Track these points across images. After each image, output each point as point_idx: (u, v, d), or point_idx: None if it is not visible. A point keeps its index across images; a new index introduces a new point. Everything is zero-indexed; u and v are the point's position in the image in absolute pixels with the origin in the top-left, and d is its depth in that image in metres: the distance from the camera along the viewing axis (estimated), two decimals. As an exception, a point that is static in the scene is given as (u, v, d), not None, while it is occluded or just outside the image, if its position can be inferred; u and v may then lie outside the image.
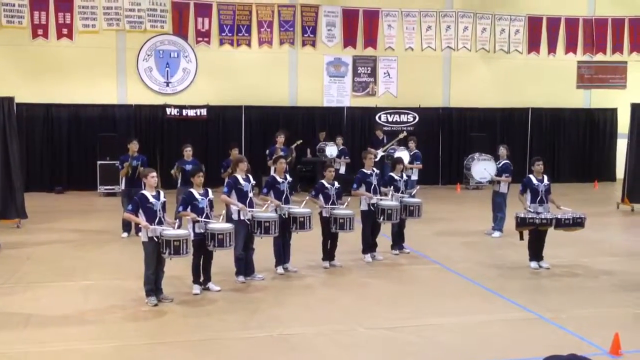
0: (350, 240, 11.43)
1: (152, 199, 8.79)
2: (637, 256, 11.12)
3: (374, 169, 11.62)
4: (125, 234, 12.88)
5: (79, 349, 7.29)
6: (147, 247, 8.74)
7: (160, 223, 8.75)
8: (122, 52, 19.73)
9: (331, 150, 18.38)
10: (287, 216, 10.26)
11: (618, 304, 9.12)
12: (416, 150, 16.12)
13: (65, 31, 19.26)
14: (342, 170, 17.46)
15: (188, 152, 13.31)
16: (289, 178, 10.60)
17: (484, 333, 7.96)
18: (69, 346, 7.36)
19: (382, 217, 11.18)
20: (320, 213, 10.78)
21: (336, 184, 10.94)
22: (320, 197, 10.77)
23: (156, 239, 8.65)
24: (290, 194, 10.59)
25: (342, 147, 18.30)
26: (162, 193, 9.02)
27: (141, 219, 8.73)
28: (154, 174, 9.11)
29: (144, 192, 8.95)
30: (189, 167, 12.43)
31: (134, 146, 13.22)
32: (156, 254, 8.71)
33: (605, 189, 20.85)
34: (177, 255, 8.68)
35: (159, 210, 8.79)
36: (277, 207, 10.20)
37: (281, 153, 14.50)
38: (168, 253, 8.63)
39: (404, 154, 15.85)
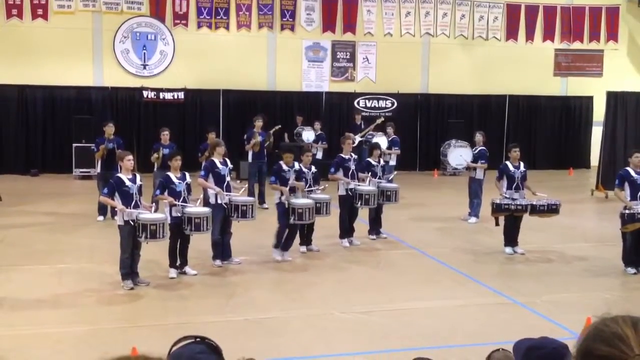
0: (327, 225, 11.44)
1: (128, 182, 8.73)
2: (609, 242, 11.27)
3: (352, 154, 11.65)
4: (101, 218, 12.79)
5: (52, 333, 7.25)
6: (123, 231, 8.69)
7: (136, 206, 8.70)
8: (99, 34, 19.47)
9: (308, 135, 18.33)
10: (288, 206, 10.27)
11: (590, 289, 9.26)
12: (394, 136, 16.15)
13: (40, 12, 18.95)
14: (319, 155, 17.44)
15: (165, 135, 13.23)
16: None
17: (459, 317, 8.04)
18: (43, 330, 7.31)
19: (359, 202, 11.21)
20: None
21: (313, 168, 10.94)
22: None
23: (132, 223, 8.60)
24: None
25: (319, 132, 18.26)
26: (138, 176, 8.96)
27: (117, 202, 8.67)
28: (130, 157, 9.05)
29: (120, 175, 8.89)
30: (166, 150, 12.39)
31: (109, 129, 13.10)
32: (132, 237, 8.66)
33: (580, 176, 21.09)
34: (154, 239, 8.65)
35: (135, 194, 8.74)
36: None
37: (259, 137, 14.49)
38: (144, 237, 8.59)
39: (381, 140, 15.88)
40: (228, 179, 9.98)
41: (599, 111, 19.60)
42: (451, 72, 21.93)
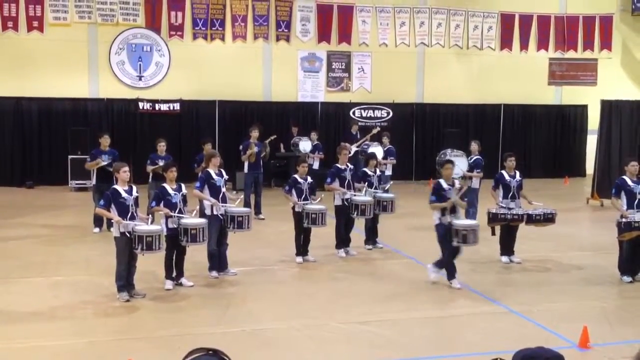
0: (324, 235, 11.44)
1: (124, 194, 8.72)
2: (605, 250, 11.29)
3: (348, 164, 11.65)
4: (96, 229, 12.75)
5: (49, 346, 7.21)
6: (119, 243, 8.67)
7: (132, 218, 8.68)
8: (94, 46, 19.50)
9: (305, 145, 18.35)
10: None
11: (587, 298, 9.26)
12: (390, 146, 16.17)
13: (35, 24, 18.98)
14: (316, 165, 17.46)
15: (162, 147, 13.25)
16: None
17: (456, 327, 8.04)
18: (39, 343, 7.28)
19: (355, 213, 11.21)
20: (293, 208, 10.79)
21: (309, 178, 10.94)
22: (294, 192, 10.77)
23: (128, 235, 8.58)
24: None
25: (316, 142, 18.29)
26: (134, 188, 8.95)
27: (113, 214, 8.65)
28: (127, 168, 9.03)
29: (116, 186, 8.88)
30: (162, 162, 12.41)
31: (105, 140, 13.08)
32: (128, 249, 8.64)
33: (575, 184, 21.13)
34: (150, 251, 8.63)
35: (132, 205, 8.72)
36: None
37: (255, 148, 14.50)
38: (140, 249, 8.57)
39: (377, 150, 15.90)
40: (224, 189, 9.97)
41: (594, 119, 19.65)
42: (446, 82, 22.00)
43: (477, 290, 9.46)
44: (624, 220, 9.72)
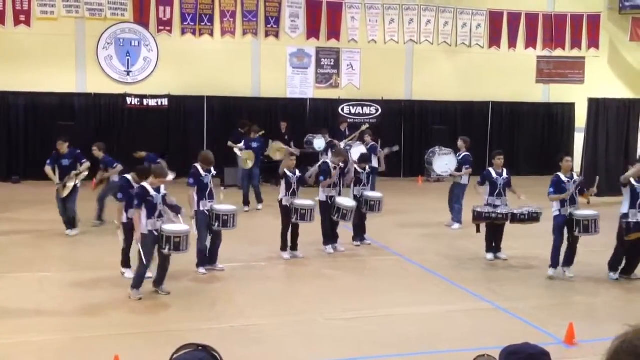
0: (312, 231, 11.42)
1: (152, 192, 8.68)
2: (592, 248, 11.35)
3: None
4: (70, 232, 12.25)
5: (35, 341, 7.19)
6: (146, 239, 8.58)
7: (160, 216, 8.67)
8: (82, 40, 19.35)
9: (319, 143, 18.37)
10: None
11: (573, 295, 9.34)
12: (372, 143, 16.19)
13: (22, 18, 18.81)
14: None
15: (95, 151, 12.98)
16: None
17: (443, 323, 8.07)
18: (25, 338, 7.25)
19: (336, 215, 11.13)
20: (281, 201, 10.77)
21: (297, 172, 10.94)
22: (283, 184, 10.78)
23: (156, 233, 8.57)
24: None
25: (329, 140, 18.30)
26: (162, 186, 8.87)
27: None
28: (165, 179, 9.07)
29: (144, 184, 8.75)
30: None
31: (61, 146, 12.54)
32: (155, 247, 8.62)
33: (562, 182, 21.18)
34: (177, 251, 8.66)
35: (160, 204, 8.69)
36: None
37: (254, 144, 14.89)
38: (168, 249, 8.57)
39: (360, 149, 15.92)
40: (211, 186, 9.97)
41: (581, 118, 19.74)
42: (435, 79, 22.03)
43: (464, 286, 9.51)
44: (633, 221, 9.69)
